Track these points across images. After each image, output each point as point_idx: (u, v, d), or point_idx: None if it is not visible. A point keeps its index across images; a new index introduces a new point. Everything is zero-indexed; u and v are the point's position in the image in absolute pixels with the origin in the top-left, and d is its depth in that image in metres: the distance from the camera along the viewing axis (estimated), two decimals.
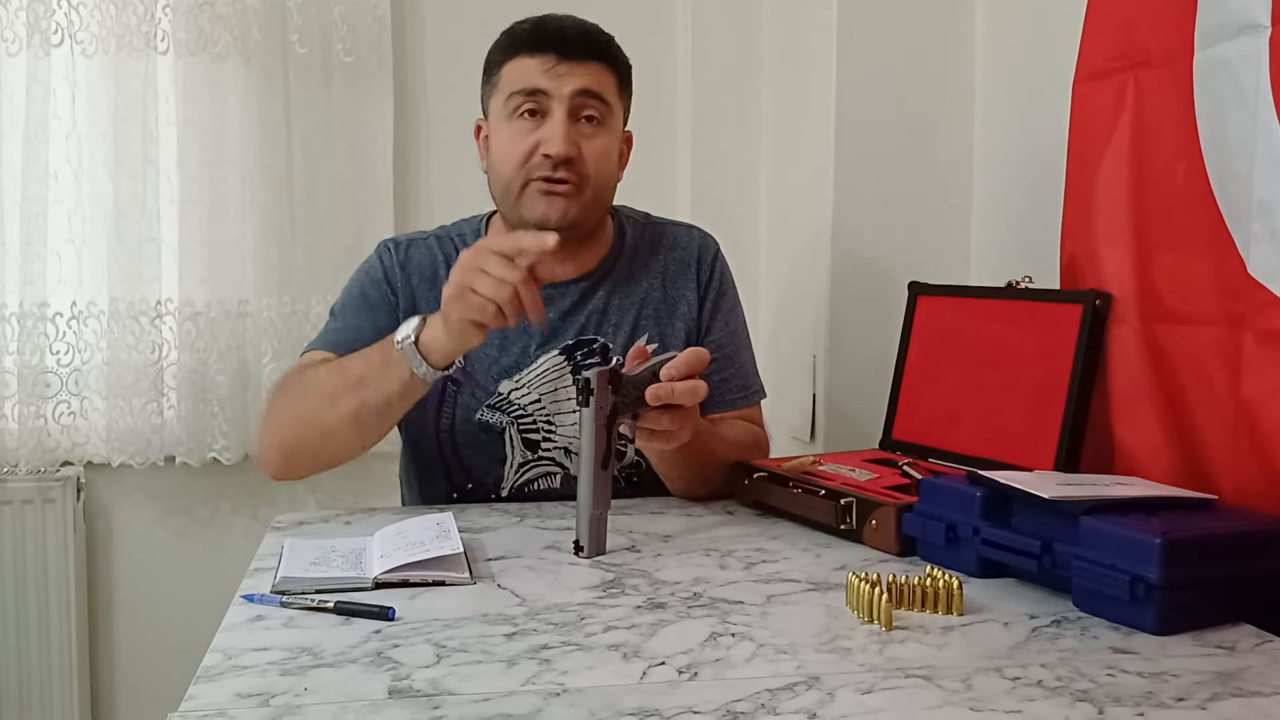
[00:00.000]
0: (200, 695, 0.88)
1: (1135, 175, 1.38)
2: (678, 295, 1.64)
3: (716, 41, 2.52)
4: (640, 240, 1.66)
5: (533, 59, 1.50)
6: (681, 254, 1.66)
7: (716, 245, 1.69)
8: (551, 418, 1.57)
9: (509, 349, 1.57)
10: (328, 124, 2.43)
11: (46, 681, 2.39)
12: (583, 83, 1.50)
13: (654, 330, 1.61)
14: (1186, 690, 0.89)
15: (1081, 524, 1.07)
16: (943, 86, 2.09)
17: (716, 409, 1.61)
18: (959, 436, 1.52)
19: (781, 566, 1.24)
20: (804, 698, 0.87)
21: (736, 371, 1.65)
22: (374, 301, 1.57)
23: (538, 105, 1.50)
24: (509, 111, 1.52)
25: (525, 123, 1.51)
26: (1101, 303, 1.39)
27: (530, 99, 1.50)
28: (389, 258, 1.60)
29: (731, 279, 1.69)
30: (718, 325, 1.65)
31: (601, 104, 1.53)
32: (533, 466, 1.58)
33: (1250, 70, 1.19)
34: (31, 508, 2.37)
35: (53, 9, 2.31)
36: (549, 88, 1.49)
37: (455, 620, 1.05)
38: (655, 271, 1.64)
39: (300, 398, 1.45)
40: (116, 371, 2.38)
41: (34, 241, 2.32)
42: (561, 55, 1.50)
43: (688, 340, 1.62)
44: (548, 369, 1.58)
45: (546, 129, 1.50)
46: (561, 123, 1.49)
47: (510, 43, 1.54)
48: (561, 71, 1.50)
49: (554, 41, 1.50)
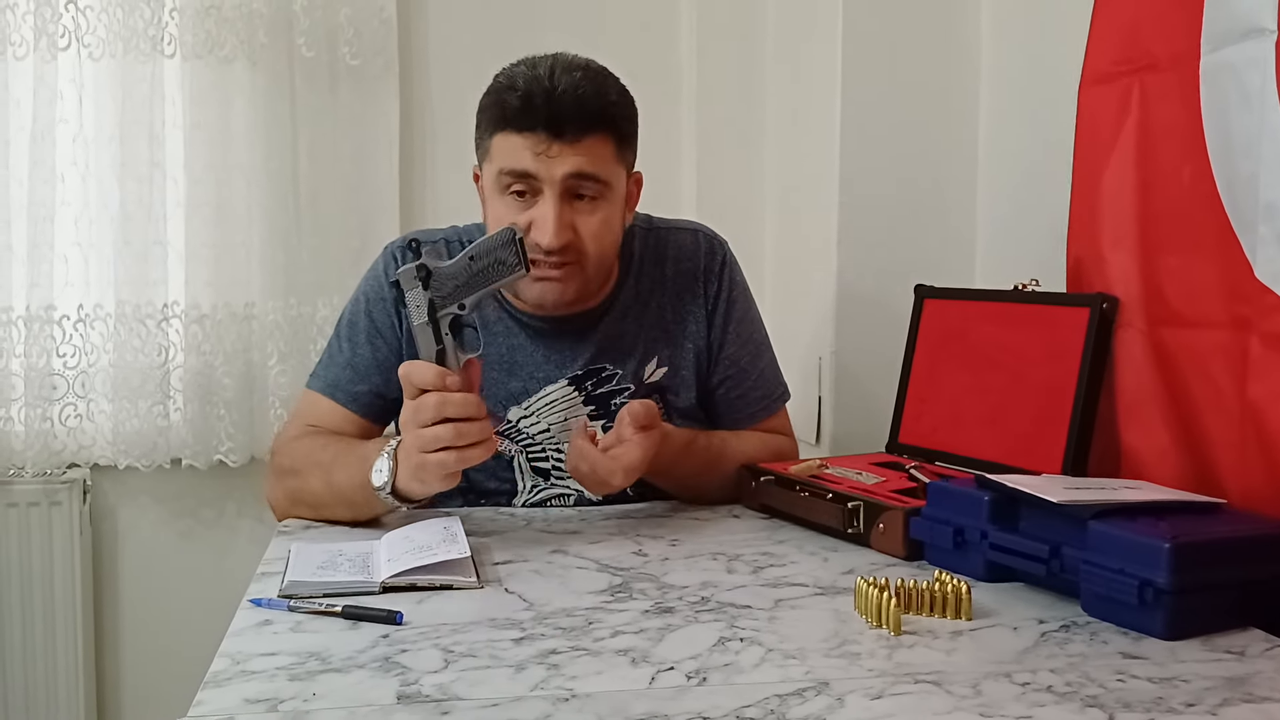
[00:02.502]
0: (209, 701, 0.88)
1: (1141, 179, 1.38)
2: (685, 313, 1.59)
3: (721, 46, 2.52)
4: (645, 253, 1.60)
5: (521, 138, 1.40)
6: (687, 265, 1.60)
7: (722, 248, 1.64)
8: (561, 447, 1.55)
9: (517, 373, 1.55)
10: (333, 127, 2.43)
11: (53, 685, 2.39)
12: (575, 165, 1.40)
13: (664, 353, 1.58)
14: (1196, 696, 0.89)
15: (1090, 528, 1.07)
16: (948, 90, 2.09)
17: (740, 424, 1.62)
18: (966, 440, 1.52)
19: (789, 570, 1.24)
20: (813, 703, 0.87)
21: (755, 383, 1.63)
22: (379, 324, 1.55)
23: (528, 187, 1.42)
24: (500, 187, 1.44)
25: (517, 200, 1.43)
26: (1108, 306, 1.39)
27: (520, 181, 1.42)
28: (394, 267, 1.58)
29: (741, 281, 1.65)
30: (730, 339, 1.61)
31: (597, 183, 1.43)
32: (545, 490, 1.57)
33: (1256, 74, 1.19)
34: (38, 510, 2.37)
35: (60, 13, 2.31)
36: (539, 172, 1.40)
37: (463, 625, 1.05)
38: (662, 289, 1.59)
39: (298, 477, 1.45)
40: (123, 374, 2.38)
41: (41, 244, 2.32)
42: (553, 135, 1.39)
43: (698, 361, 1.60)
44: (556, 399, 1.56)
45: (538, 212, 1.41)
46: (553, 210, 1.41)
47: (500, 115, 1.42)
48: (553, 154, 1.40)
49: (544, 119, 1.39)
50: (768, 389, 1.65)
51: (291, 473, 1.46)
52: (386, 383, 1.53)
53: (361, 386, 1.54)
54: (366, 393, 1.54)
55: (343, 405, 1.54)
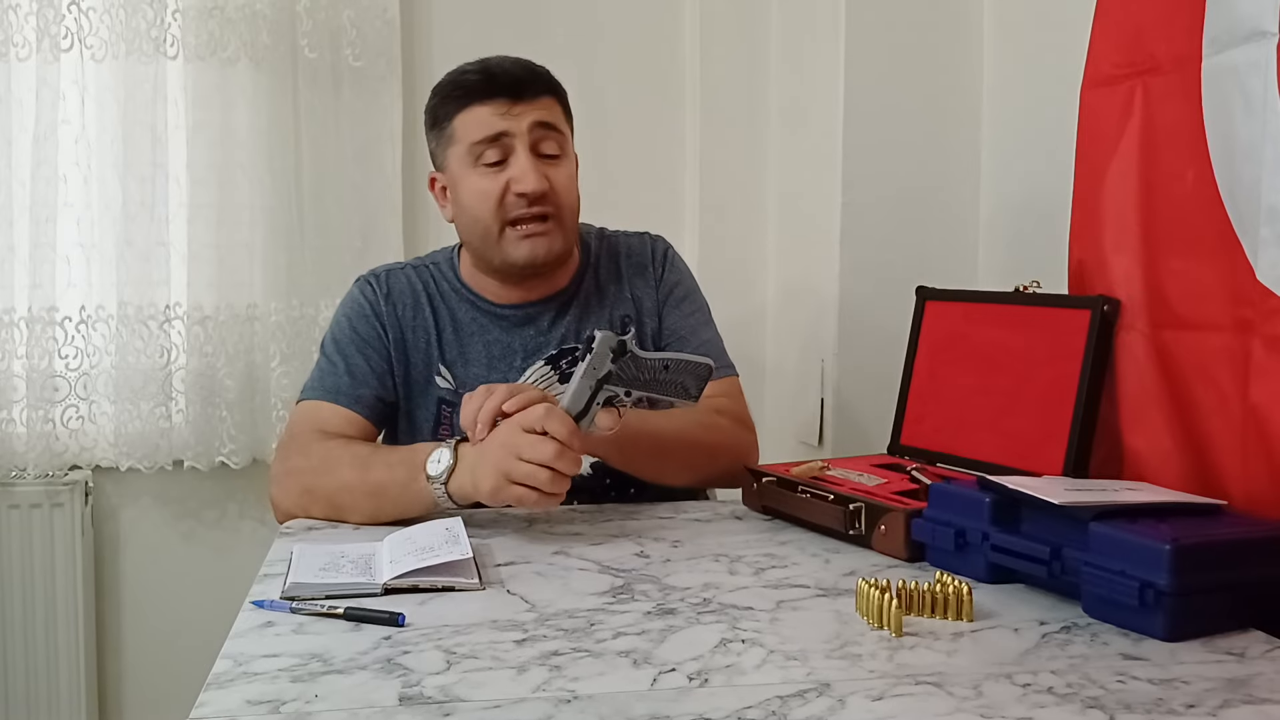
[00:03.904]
0: (211, 702, 0.88)
1: (1143, 181, 1.38)
2: (641, 296, 1.70)
3: (724, 47, 2.53)
4: (601, 253, 1.72)
5: (486, 106, 1.55)
6: (637, 259, 1.73)
7: (666, 244, 1.77)
8: None
9: (496, 365, 1.63)
10: (336, 128, 2.44)
11: (54, 687, 2.39)
12: (539, 115, 1.56)
13: (637, 325, 1.68)
14: (1197, 697, 0.89)
15: (1091, 530, 1.07)
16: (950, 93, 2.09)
17: None
18: (967, 442, 1.52)
19: (791, 572, 1.24)
20: (815, 704, 0.87)
21: (696, 350, 1.64)
22: (366, 335, 1.61)
23: (501, 149, 1.55)
24: (472, 160, 1.56)
25: (490, 168, 1.55)
26: (1110, 308, 1.39)
27: (493, 144, 1.55)
28: (371, 291, 1.65)
29: (684, 269, 1.76)
30: (670, 310, 1.71)
31: (558, 134, 1.58)
32: None
33: (1258, 76, 1.19)
34: (40, 512, 2.37)
35: (62, 14, 2.32)
36: (509, 128, 1.54)
37: (465, 626, 1.05)
38: (619, 281, 1.70)
39: (318, 474, 1.46)
40: (125, 375, 2.38)
41: (43, 245, 2.32)
42: (514, 97, 1.54)
43: (652, 335, 1.69)
44: (536, 380, 1.63)
45: (514, 169, 1.54)
46: (528, 159, 1.54)
47: (462, 94, 1.57)
48: (517, 112, 1.54)
49: (504, 86, 1.55)
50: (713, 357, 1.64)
51: (309, 470, 1.47)
52: (383, 387, 1.61)
53: (362, 390, 1.58)
54: (367, 396, 1.58)
55: (347, 408, 1.57)
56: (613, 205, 1.83)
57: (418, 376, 1.62)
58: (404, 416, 1.62)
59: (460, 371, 1.62)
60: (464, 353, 1.63)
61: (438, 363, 1.62)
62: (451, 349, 1.63)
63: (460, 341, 1.63)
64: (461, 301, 1.65)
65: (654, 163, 2.44)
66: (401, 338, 1.62)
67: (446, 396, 1.62)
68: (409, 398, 1.62)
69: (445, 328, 1.64)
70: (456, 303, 1.65)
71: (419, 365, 1.62)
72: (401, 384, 1.62)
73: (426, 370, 1.62)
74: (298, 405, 1.61)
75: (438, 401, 1.62)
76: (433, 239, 2.43)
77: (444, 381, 1.62)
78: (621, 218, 1.80)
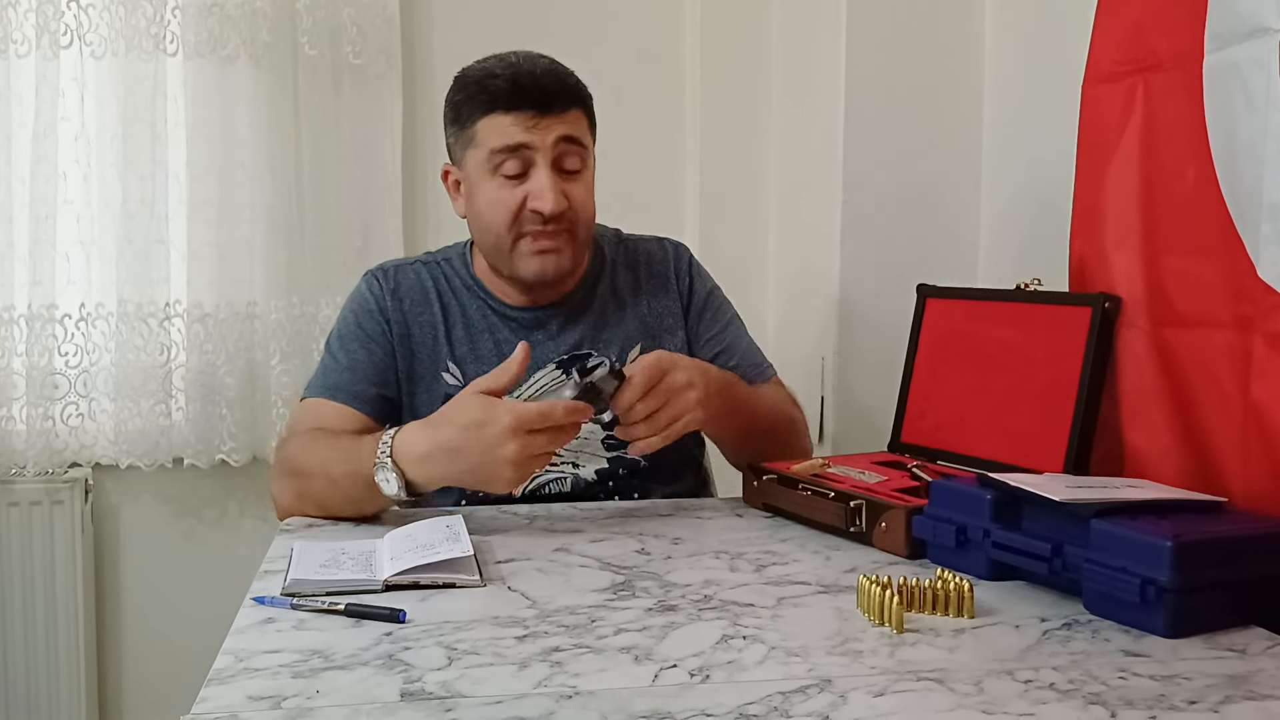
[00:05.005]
0: (212, 698, 0.88)
1: (1144, 178, 1.38)
2: (662, 310, 1.69)
3: (725, 45, 2.52)
4: (618, 258, 1.71)
5: (509, 116, 1.51)
6: (658, 268, 1.71)
7: (688, 252, 1.76)
8: None
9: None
10: (336, 126, 2.43)
11: (55, 684, 2.39)
12: (564, 130, 1.53)
13: (647, 345, 1.65)
14: (1198, 693, 0.89)
15: (1092, 527, 1.07)
16: (952, 89, 2.09)
17: None
18: (968, 439, 1.52)
19: (792, 569, 1.24)
20: (816, 700, 0.87)
21: (741, 359, 1.69)
22: (370, 330, 1.61)
23: (522, 161, 1.52)
24: (491, 168, 1.54)
25: (509, 180, 1.53)
26: (1111, 305, 1.39)
27: (514, 155, 1.52)
28: (378, 286, 1.64)
29: (708, 277, 1.76)
30: (706, 323, 1.71)
31: (581, 148, 1.56)
32: (539, 476, 1.60)
33: (1260, 73, 1.19)
34: (39, 509, 2.37)
35: (62, 10, 2.31)
36: (532, 141, 1.51)
37: (466, 622, 1.05)
38: (638, 290, 1.69)
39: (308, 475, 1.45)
40: (125, 373, 2.38)
41: (42, 243, 2.32)
42: (541, 111, 1.51)
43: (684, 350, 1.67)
44: (546, 383, 1.62)
45: (534, 184, 1.52)
46: (548, 177, 1.52)
47: (488, 99, 1.53)
48: (543, 125, 1.51)
49: (532, 99, 1.51)
50: (754, 359, 1.72)
51: (299, 473, 1.47)
52: (385, 383, 1.60)
53: (362, 386, 1.57)
54: (369, 392, 1.58)
55: (346, 404, 1.56)
56: (613, 202, 1.83)
57: (423, 373, 1.61)
58: (408, 413, 1.62)
59: (471, 368, 1.60)
60: (475, 349, 1.62)
61: (446, 359, 1.62)
62: (461, 345, 1.62)
63: (471, 338, 1.62)
64: (474, 299, 1.64)
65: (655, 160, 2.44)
66: (406, 333, 1.61)
67: (453, 394, 1.58)
68: (413, 394, 1.61)
69: (455, 324, 1.63)
70: (468, 299, 1.64)
71: (425, 361, 1.61)
72: (405, 380, 1.61)
73: (433, 367, 1.62)
74: (299, 402, 1.61)
75: (444, 398, 1.58)
76: (432, 237, 2.43)
77: (452, 378, 1.61)
78: (622, 216, 1.79)
